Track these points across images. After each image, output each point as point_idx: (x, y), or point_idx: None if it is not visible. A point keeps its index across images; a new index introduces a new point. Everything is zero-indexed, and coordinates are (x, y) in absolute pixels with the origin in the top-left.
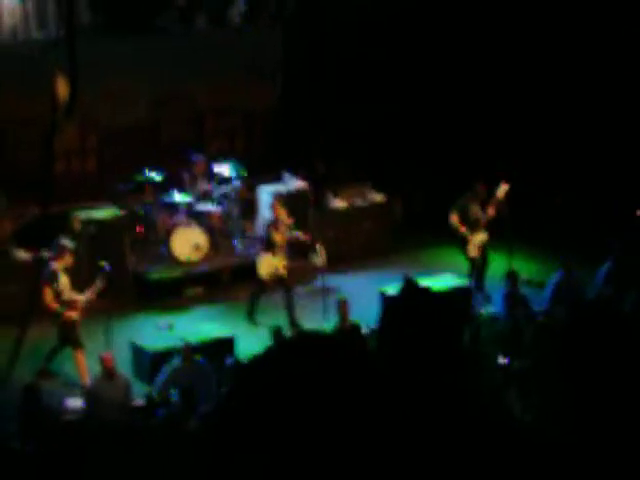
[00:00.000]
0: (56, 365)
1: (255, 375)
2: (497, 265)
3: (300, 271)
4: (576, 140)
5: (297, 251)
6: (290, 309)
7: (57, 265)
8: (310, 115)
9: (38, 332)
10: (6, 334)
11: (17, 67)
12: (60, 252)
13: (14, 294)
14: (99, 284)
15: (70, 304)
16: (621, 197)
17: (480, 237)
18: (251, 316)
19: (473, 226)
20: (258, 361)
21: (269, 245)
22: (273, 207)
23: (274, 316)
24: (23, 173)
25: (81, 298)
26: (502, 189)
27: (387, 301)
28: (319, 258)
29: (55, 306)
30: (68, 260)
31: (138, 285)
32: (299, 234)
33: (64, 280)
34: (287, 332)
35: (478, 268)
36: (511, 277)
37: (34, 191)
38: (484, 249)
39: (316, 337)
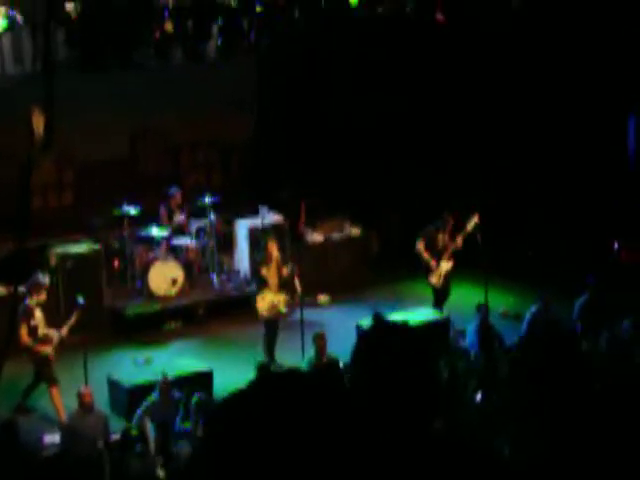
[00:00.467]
0: (33, 401)
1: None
2: (473, 298)
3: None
4: (555, 175)
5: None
6: (271, 344)
7: (31, 300)
8: (286, 148)
9: (14, 368)
10: None
11: None
12: (34, 287)
13: None
14: (73, 320)
15: (44, 340)
16: (598, 232)
17: (444, 266)
18: (273, 360)
19: (438, 255)
20: (240, 397)
21: (262, 283)
22: (265, 245)
23: (250, 350)
24: None
25: (55, 334)
26: (472, 221)
27: (360, 336)
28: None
29: (29, 342)
30: (42, 295)
31: (115, 320)
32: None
33: (39, 315)
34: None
35: (438, 296)
36: (481, 310)
37: (10, 226)
38: (447, 279)
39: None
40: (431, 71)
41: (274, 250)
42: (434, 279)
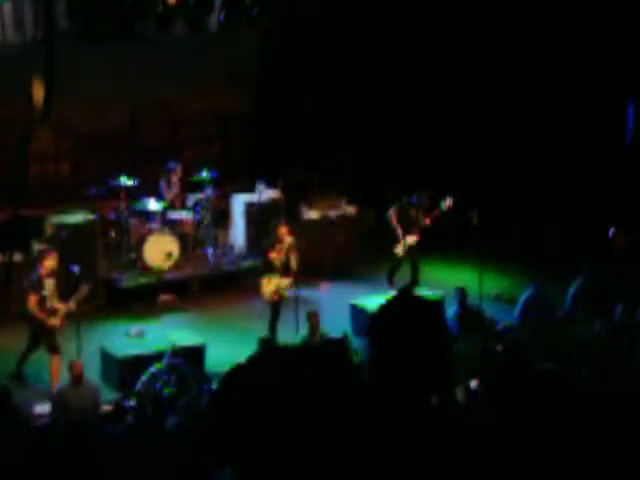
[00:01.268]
0: (27, 369)
1: (240, 382)
2: (467, 281)
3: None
4: (550, 158)
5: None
6: (274, 321)
7: (42, 271)
8: (286, 123)
9: (9, 336)
10: None
11: None
12: (42, 256)
13: None
14: (82, 293)
15: (52, 310)
16: (594, 216)
17: (409, 240)
18: (275, 338)
19: (407, 228)
20: (243, 368)
21: (269, 267)
22: (275, 229)
23: (243, 325)
24: None
25: (62, 307)
26: (447, 202)
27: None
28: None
29: (37, 312)
30: (51, 263)
31: (109, 291)
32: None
33: (49, 285)
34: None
35: (394, 267)
36: (460, 293)
37: (7, 193)
38: (412, 254)
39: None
40: (429, 48)
41: (285, 235)
42: (398, 249)
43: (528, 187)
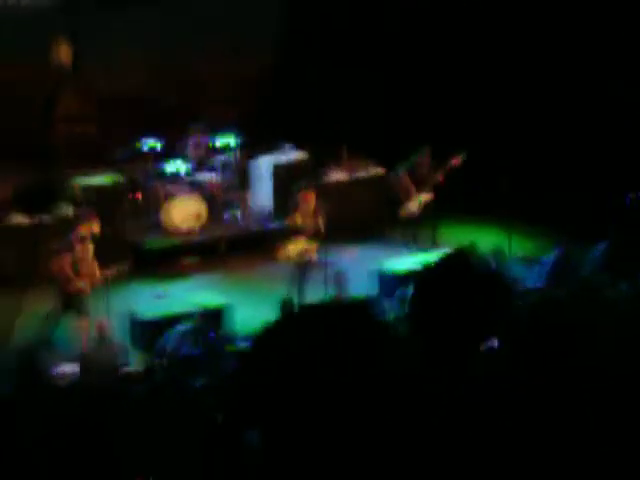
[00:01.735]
0: (54, 332)
1: (268, 345)
2: (491, 242)
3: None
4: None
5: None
6: (301, 284)
7: (78, 233)
8: (311, 86)
9: (38, 297)
10: (2, 299)
11: (17, 31)
12: (82, 218)
13: (10, 258)
14: (120, 269)
15: (83, 274)
16: (620, 180)
17: (424, 197)
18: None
19: (418, 185)
20: (270, 331)
21: (295, 231)
22: (301, 194)
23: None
24: (22, 138)
25: (98, 273)
26: (457, 158)
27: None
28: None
29: (68, 274)
30: (90, 226)
31: (135, 253)
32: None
33: (82, 249)
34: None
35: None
36: (497, 255)
37: (33, 156)
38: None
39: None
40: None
41: (311, 200)
42: (413, 206)
43: (557, 154)
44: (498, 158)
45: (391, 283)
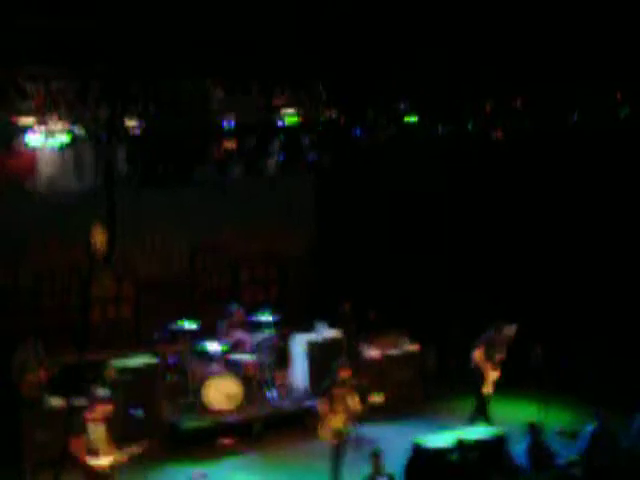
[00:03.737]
0: None
1: None
2: (528, 415)
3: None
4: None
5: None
6: (338, 462)
7: (89, 416)
8: (344, 263)
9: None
10: None
11: (56, 215)
12: (92, 403)
13: (46, 442)
14: (139, 449)
15: (100, 455)
16: None
17: (493, 375)
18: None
19: (493, 364)
20: None
21: (330, 407)
22: (339, 370)
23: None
24: (60, 320)
25: (116, 453)
26: (513, 330)
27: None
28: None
29: (81, 456)
30: (102, 410)
31: (171, 434)
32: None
33: (95, 430)
34: None
35: (484, 404)
36: (534, 429)
37: (70, 338)
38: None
39: None
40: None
41: (346, 377)
42: (489, 388)
43: (590, 319)
44: (529, 328)
45: (424, 458)
